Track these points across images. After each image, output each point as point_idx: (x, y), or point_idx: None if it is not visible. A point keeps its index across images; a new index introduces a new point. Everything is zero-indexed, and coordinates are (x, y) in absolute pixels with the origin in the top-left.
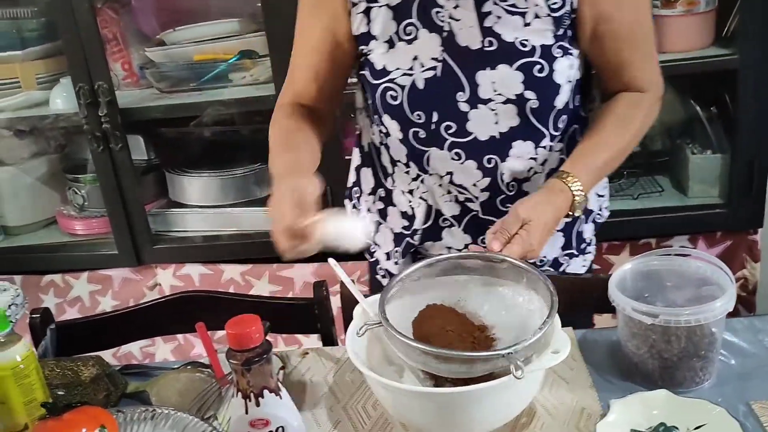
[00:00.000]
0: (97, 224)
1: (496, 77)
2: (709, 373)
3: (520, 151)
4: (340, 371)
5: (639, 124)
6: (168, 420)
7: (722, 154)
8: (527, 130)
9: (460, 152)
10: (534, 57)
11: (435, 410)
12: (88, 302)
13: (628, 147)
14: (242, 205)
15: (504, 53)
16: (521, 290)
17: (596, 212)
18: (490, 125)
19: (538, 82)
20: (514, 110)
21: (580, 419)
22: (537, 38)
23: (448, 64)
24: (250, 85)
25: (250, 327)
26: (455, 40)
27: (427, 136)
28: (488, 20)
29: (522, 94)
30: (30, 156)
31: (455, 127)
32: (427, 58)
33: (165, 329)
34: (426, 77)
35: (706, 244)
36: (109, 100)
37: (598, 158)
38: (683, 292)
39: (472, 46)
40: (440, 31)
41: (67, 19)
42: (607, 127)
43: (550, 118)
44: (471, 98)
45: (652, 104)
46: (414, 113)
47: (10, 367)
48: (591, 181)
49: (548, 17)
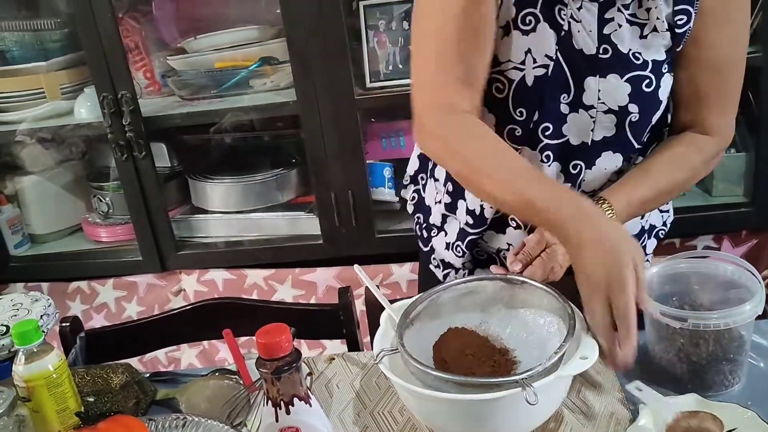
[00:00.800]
0: (121, 231)
1: (604, 86)
2: (738, 376)
3: (608, 162)
4: (366, 376)
5: (694, 170)
6: (198, 428)
7: (746, 152)
8: (619, 142)
9: (550, 154)
10: (645, 71)
11: (463, 416)
12: (114, 308)
13: (676, 189)
14: (264, 210)
15: (617, 63)
16: (542, 312)
17: (659, 227)
18: (585, 131)
19: (643, 96)
20: (612, 121)
21: (609, 424)
22: (650, 52)
23: (560, 65)
24: (270, 91)
25: (280, 336)
26: (571, 41)
27: (522, 134)
28: (608, 27)
29: (626, 107)
30: (55, 164)
31: (552, 128)
32: (541, 54)
33: (191, 336)
34: (537, 75)
35: (731, 244)
36: (132, 109)
37: (640, 193)
38: (711, 294)
39: (587, 51)
40: (559, 29)
41: (90, 30)
42: (658, 164)
43: (645, 133)
44: (573, 101)
45: (714, 153)
46: (516, 110)
47: (43, 376)
48: (627, 214)
49: (667, 32)
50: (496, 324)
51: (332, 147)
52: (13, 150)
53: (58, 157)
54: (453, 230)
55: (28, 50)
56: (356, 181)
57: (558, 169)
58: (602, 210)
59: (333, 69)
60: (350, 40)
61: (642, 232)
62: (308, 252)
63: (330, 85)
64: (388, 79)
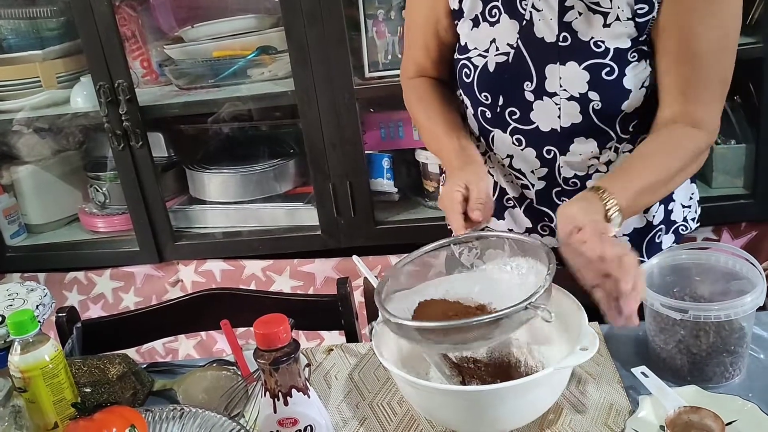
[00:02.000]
0: (118, 221)
1: (564, 73)
2: (738, 368)
3: (581, 148)
4: (365, 368)
5: (688, 159)
6: (196, 419)
7: (746, 144)
8: (590, 129)
9: (521, 138)
10: (605, 59)
11: (462, 408)
12: (111, 299)
13: (674, 178)
14: (262, 201)
15: (576, 51)
16: (506, 260)
17: (680, 222)
18: (552, 118)
19: (604, 84)
20: (576, 108)
21: (609, 415)
22: (613, 40)
23: (521, 53)
24: (268, 80)
25: (278, 327)
26: (532, 30)
27: (492, 117)
28: (569, 15)
29: (585, 94)
30: (51, 154)
31: (519, 113)
32: (503, 43)
33: (189, 326)
34: (498, 61)
35: (730, 235)
36: (129, 98)
37: (641, 180)
38: (712, 286)
39: (547, 39)
40: (521, 18)
41: (86, 18)
42: (653, 151)
43: (617, 121)
44: (537, 89)
45: (702, 147)
46: (481, 94)
47: (39, 367)
48: (630, 203)
49: (629, 21)
50: (462, 287)
51: (331, 137)
52: (10, 140)
53: (55, 146)
54: None
55: (24, 38)
56: (355, 171)
57: (533, 155)
58: (603, 198)
59: (332, 59)
60: (349, 30)
61: (651, 227)
62: (306, 243)
63: (328, 75)
64: (386, 69)
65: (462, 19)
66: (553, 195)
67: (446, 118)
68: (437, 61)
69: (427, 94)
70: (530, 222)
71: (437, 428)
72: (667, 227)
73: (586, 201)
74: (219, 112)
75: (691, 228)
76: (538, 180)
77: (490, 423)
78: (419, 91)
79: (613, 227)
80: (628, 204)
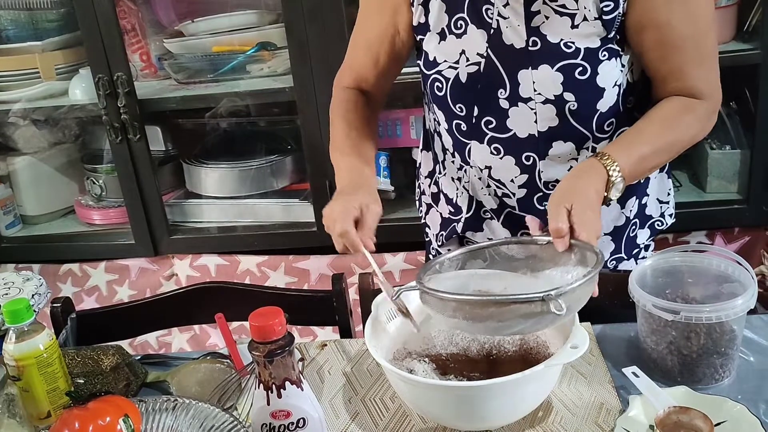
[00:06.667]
0: (114, 214)
1: (537, 77)
2: (728, 370)
3: (560, 150)
4: (358, 363)
5: (686, 128)
6: (189, 410)
7: (741, 149)
8: (567, 131)
9: (499, 147)
10: (576, 59)
11: (453, 403)
12: (105, 291)
13: (672, 147)
14: (259, 196)
15: (547, 54)
16: (569, 269)
17: (656, 218)
18: (529, 123)
19: (578, 84)
20: (552, 110)
21: (599, 414)
22: (583, 41)
23: (492, 61)
24: (267, 76)
25: (273, 319)
26: (501, 38)
27: (468, 129)
28: (536, 20)
29: (561, 95)
30: (48, 146)
31: (495, 122)
32: (473, 54)
33: (183, 320)
34: (469, 72)
35: (723, 240)
36: (127, 91)
37: (639, 148)
38: (703, 288)
39: (517, 45)
40: (488, 27)
41: (86, 10)
42: (650, 123)
43: (593, 121)
44: (511, 96)
45: (705, 113)
46: (456, 105)
47: (33, 356)
48: (631, 168)
49: (597, 20)
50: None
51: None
52: (7, 131)
53: (52, 138)
54: (436, 222)
55: (23, 29)
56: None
57: (513, 162)
58: (605, 162)
59: (331, 56)
60: (349, 28)
61: (627, 222)
62: (302, 239)
63: (327, 71)
64: None
65: (428, 33)
66: (535, 201)
67: (360, 150)
68: (382, 74)
69: (354, 116)
70: (509, 232)
71: (429, 423)
72: (641, 222)
73: (588, 170)
74: (217, 107)
75: (667, 224)
76: (518, 188)
77: (480, 419)
78: (348, 106)
79: (615, 192)
80: (630, 169)
